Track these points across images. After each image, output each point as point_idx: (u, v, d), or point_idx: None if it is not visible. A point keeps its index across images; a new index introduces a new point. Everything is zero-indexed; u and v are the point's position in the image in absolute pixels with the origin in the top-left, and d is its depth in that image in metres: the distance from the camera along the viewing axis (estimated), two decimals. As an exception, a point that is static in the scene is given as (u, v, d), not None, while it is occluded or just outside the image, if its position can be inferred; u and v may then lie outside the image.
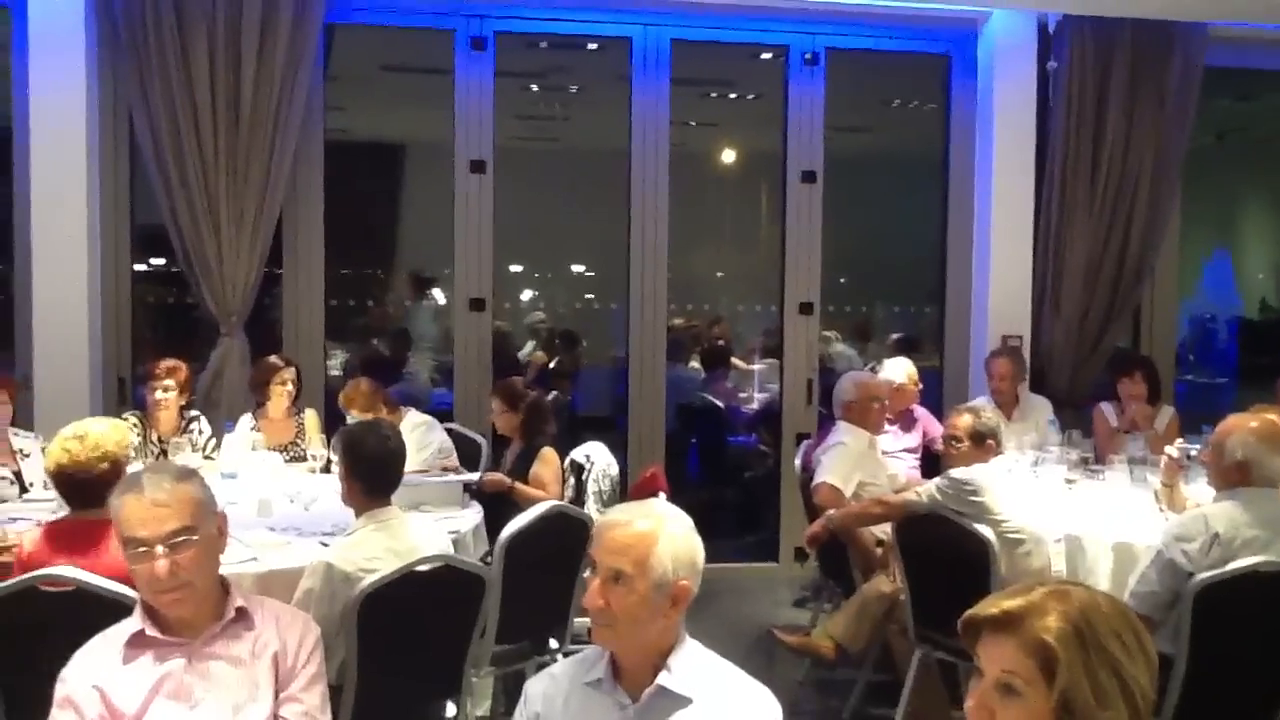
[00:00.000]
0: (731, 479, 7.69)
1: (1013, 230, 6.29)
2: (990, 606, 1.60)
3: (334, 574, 3.14)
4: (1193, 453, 4.24)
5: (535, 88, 9.00)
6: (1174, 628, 3.43)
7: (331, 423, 5.27)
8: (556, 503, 4.14)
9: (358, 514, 3.35)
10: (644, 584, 2.05)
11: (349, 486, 3.36)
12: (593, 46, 7.08)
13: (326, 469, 4.88)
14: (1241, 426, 3.56)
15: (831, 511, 4.48)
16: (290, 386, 5.28)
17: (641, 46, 6.29)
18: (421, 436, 5.02)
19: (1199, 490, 4.12)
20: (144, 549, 2.28)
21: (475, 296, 6.20)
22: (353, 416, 4.90)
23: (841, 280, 9.98)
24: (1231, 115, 8.87)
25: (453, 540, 3.85)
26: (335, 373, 7.38)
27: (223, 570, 2.46)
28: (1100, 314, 6.34)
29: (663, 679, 2.08)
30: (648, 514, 2.13)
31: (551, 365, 8.56)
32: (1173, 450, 4.29)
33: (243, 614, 2.40)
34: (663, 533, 2.09)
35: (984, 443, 4.18)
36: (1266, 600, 3.36)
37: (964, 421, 4.26)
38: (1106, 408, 5.83)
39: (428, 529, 3.53)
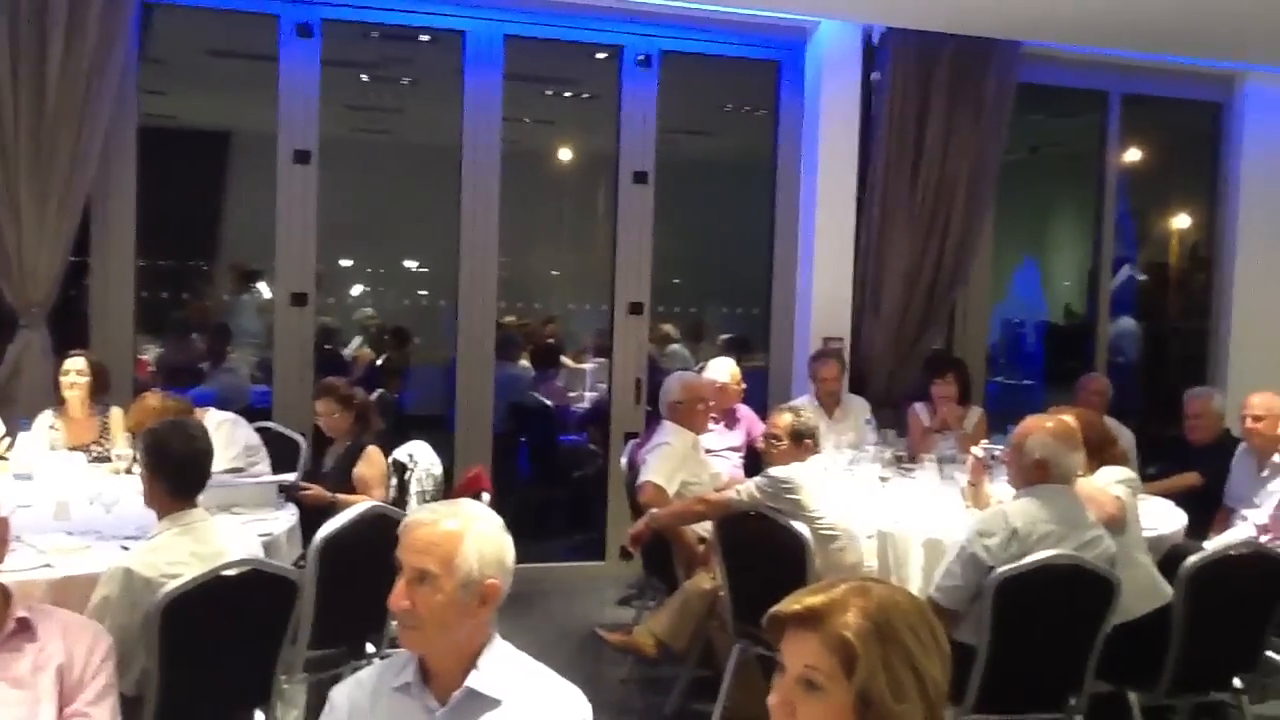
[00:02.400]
0: (561, 478, 7.68)
1: (835, 235, 6.47)
2: (793, 603, 1.63)
3: (133, 580, 2.99)
4: (996, 452, 4.43)
5: (367, 78, 8.78)
6: (976, 619, 3.58)
7: (142, 420, 5.01)
8: (375, 503, 4.05)
9: (160, 516, 3.19)
10: (450, 583, 2.01)
11: (152, 488, 3.21)
12: (425, 38, 6.95)
13: (131, 470, 4.65)
14: (1039, 427, 3.75)
15: (654, 511, 4.52)
16: (78, 380, 4.98)
17: (474, 40, 6.21)
18: (227, 435, 4.81)
19: (1002, 488, 4.32)
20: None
21: (297, 291, 6.01)
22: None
23: (675, 281, 10.09)
24: (1044, 130, 9.32)
25: (265, 543, 3.71)
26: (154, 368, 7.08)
27: (12, 578, 2.31)
28: (917, 317, 6.57)
29: (471, 681, 2.05)
30: (454, 513, 2.10)
31: (379, 362, 8.39)
32: (978, 450, 4.50)
33: (24, 625, 2.25)
34: (469, 531, 2.06)
35: (802, 442, 4.28)
36: (1060, 591, 3.54)
37: (784, 421, 4.35)
38: (920, 408, 6.07)
39: (236, 531, 3.40)
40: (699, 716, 4.36)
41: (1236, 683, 3.98)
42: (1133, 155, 8.11)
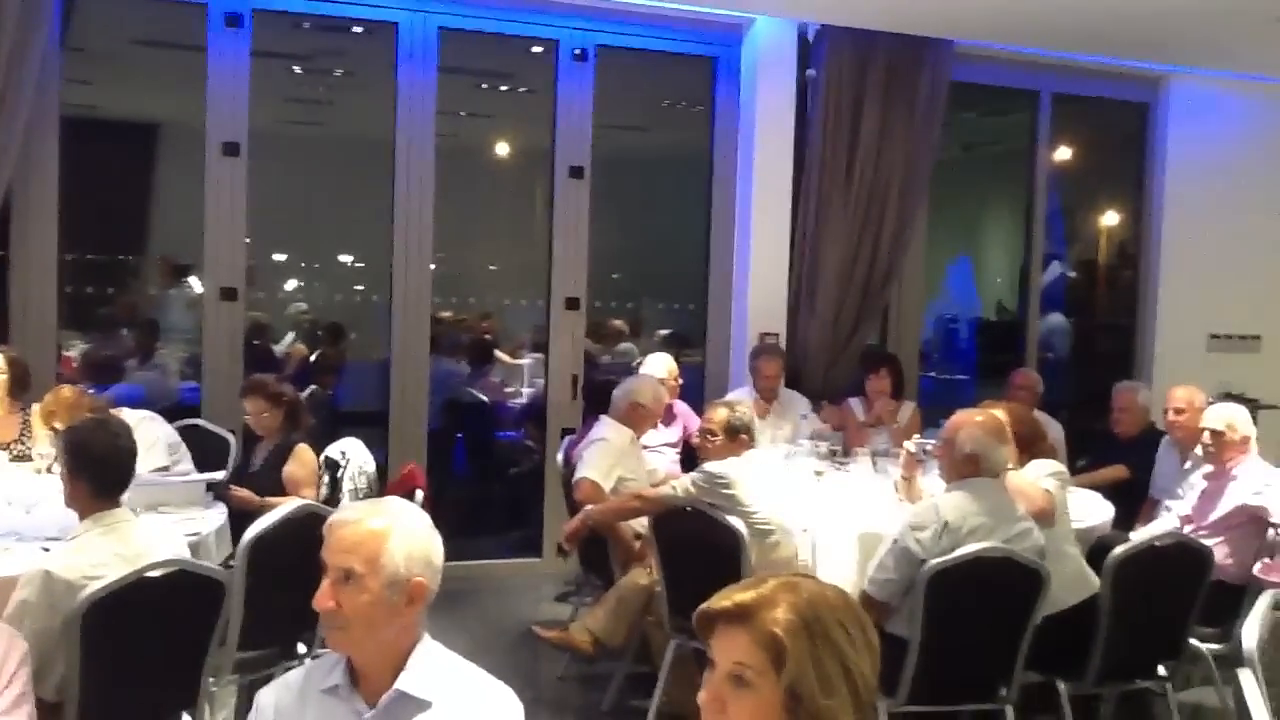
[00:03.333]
0: (497, 475, 7.64)
1: (771, 232, 6.50)
2: (723, 600, 1.63)
3: (53, 583, 2.91)
4: (929, 447, 4.48)
5: (299, 70, 8.64)
6: (909, 612, 3.61)
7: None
8: (305, 502, 3.99)
9: (82, 517, 3.12)
10: (376, 583, 1.98)
11: (73, 488, 3.13)
12: (358, 30, 6.86)
13: (53, 469, 4.52)
14: (969, 422, 3.79)
15: (590, 508, 4.50)
16: None
17: (408, 32, 6.15)
18: (145, 433, 4.70)
19: (934, 482, 4.36)
20: None
21: (227, 286, 5.91)
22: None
23: (615, 276, 10.07)
24: (978, 129, 9.44)
25: (193, 543, 3.65)
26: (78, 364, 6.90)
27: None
28: (852, 313, 6.61)
29: (401, 682, 2.01)
30: (380, 511, 2.07)
31: (313, 358, 8.27)
32: (911, 445, 4.54)
33: (-65, 631, 2.18)
34: (395, 529, 2.02)
35: (737, 436, 4.30)
36: (990, 583, 3.59)
37: (719, 416, 4.36)
38: (854, 403, 6.12)
39: (162, 532, 3.33)
40: (636, 712, 4.35)
41: (1161, 671, 4.07)
42: (1063, 154, 8.24)
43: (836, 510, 4.42)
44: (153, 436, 4.75)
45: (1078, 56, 7.09)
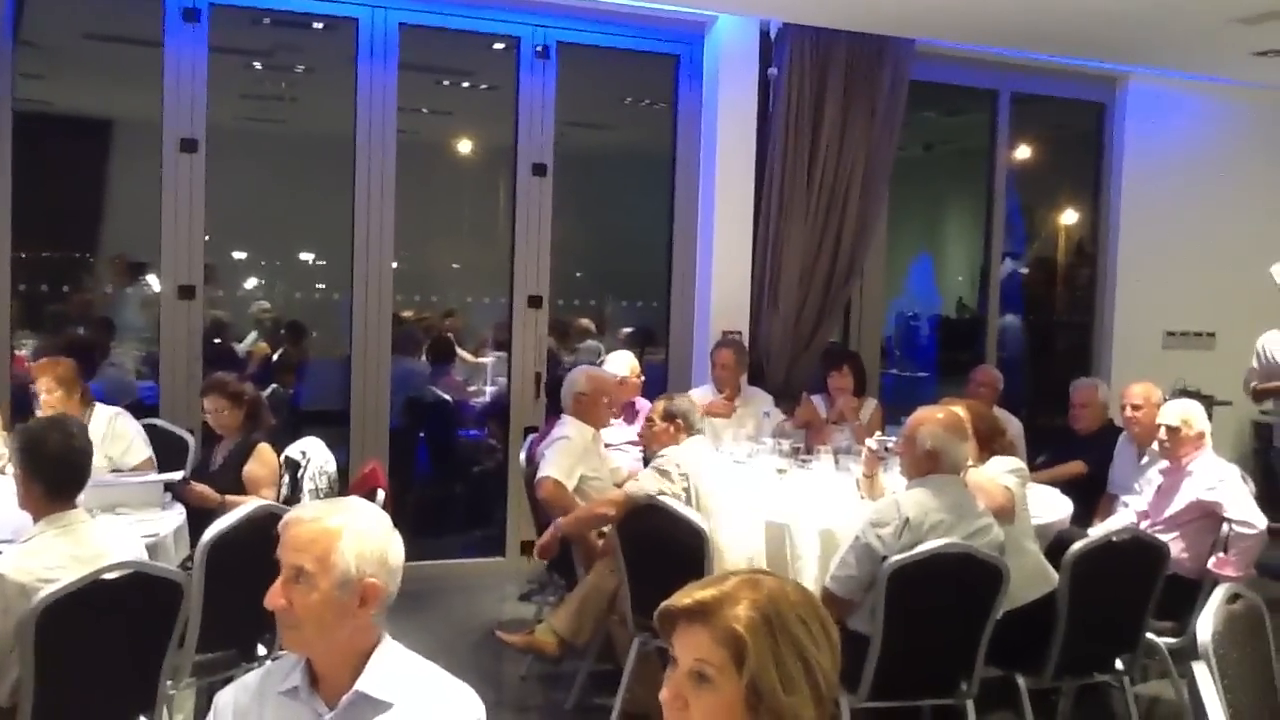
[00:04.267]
0: (460, 474, 7.60)
1: (734, 229, 6.51)
2: (684, 597, 1.63)
3: (6, 586, 2.88)
4: (890, 444, 4.51)
5: (259, 66, 8.56)
6: (871, 608, 3.64)
7: (21, 417, 4.81)
8: (265, 502, 3.95)
9: (37, 519, 3.08)
10: (326, 582, 1.97)
11: (27, 489, 3.09)
12: (319, 26, 6.80)
13: (5, 470, 4.46)
14: (930, 419, 3.82)
15: (560, 520, 4.49)
16: None
17: (368, 28, 6.10)
18: (121, 428, 4.72)
19: (896, 479, 4.39)
20: None
21: (184, 284, 5.84)
22: (42, 392, 4.51)
23: (578, 274, 10.04)
24: (939, 128, 9.50)
25: (151, 544, 3.61)
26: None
27: None
28: (814, 311, 6.64)
29: (360, 683, 2.00)
30: (335, 510, 2.06)
31: (275, 357, 8.20)
32: (872, 442, 4.57)
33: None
34: (347, 529, 2.01)
35: (674, 421, 4.38)
36: (951, 579, 3.61)
37: (658, 406, 4.54)
38: (817, 400, 6.15)
39: (118, 533, 3.29)
40: (600, 710, 4.35)
41: (1119, 664, 4.12)
42: (1022, 153, 8.32)
43: (800, 508, 4.43)
44: (130, 431, 4.73)
45: (1036, 56, 7.16)
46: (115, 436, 4.74)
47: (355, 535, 2.01)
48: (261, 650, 3.81)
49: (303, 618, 1.98)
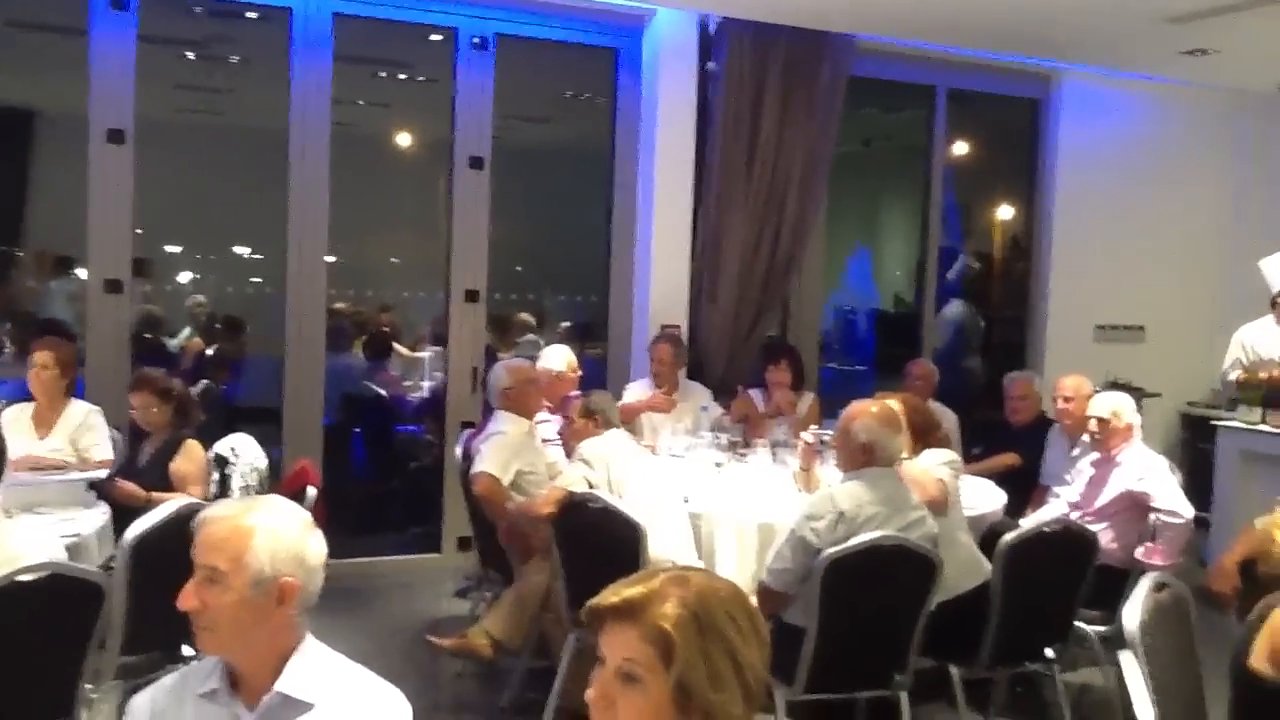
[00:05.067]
0: (397, 470, 7.53)
1: (673, 224, 6.50)
2: (611, 596, 1.61)
3: (-83, 588, 2.78)
4: (826, 437, 4.52)
5: (192, 56, 8.40)
6: (806, 601, 3.64)
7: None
8: (191, 500, 3.87)
9: (-51, 519, 2.98)
10: (240, 582, 1.93)
11: (-60, 489, 2.99)
12: (252, 15, 6.69)
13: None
14: (864, 412, 3.83)
15: (510, 506, 4.49)
16: None
17: (302, 18, 5.99)
18: (99, 420, 4.79)
19: (832, 472, 4.40)
20: None
21: (112, 278, 5.70)
22: (37, 365, 4.71)
23: (518, 269, 10.00)
24: (878, 124, 9.58)
25: (72, 544, 3.52)
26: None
27: None
28: (753, 305, 6.64)
29: (281, 684, 1.96)
30: (248, 508, 2.02)
31: (210, 352, 8.07)
32: (808, 436, 4.58)
33: None
34: (262, 527, 1.97)
35: (592, 416, 4.38)
36: (885, 571, 3.63)
37: (577, 405, 4.57)
38: (755, 394, 6.16)
39: (36, 533, 3.19)
40: (535, 708, 4.31)
41: (1049, 653, 4.17)
42: (960, 149, 8.41)
43: (737, 501, 4.44)
44: (102, 427, 4.78)
45: (973, 53, 7.22)
46: (89, 428, 4.77)
47: (270, 533, 1.97)
48: (188, 651, 3.72)
49: (218, 619, 1.94)
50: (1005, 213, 9.07)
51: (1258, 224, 8.22)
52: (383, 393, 7.54)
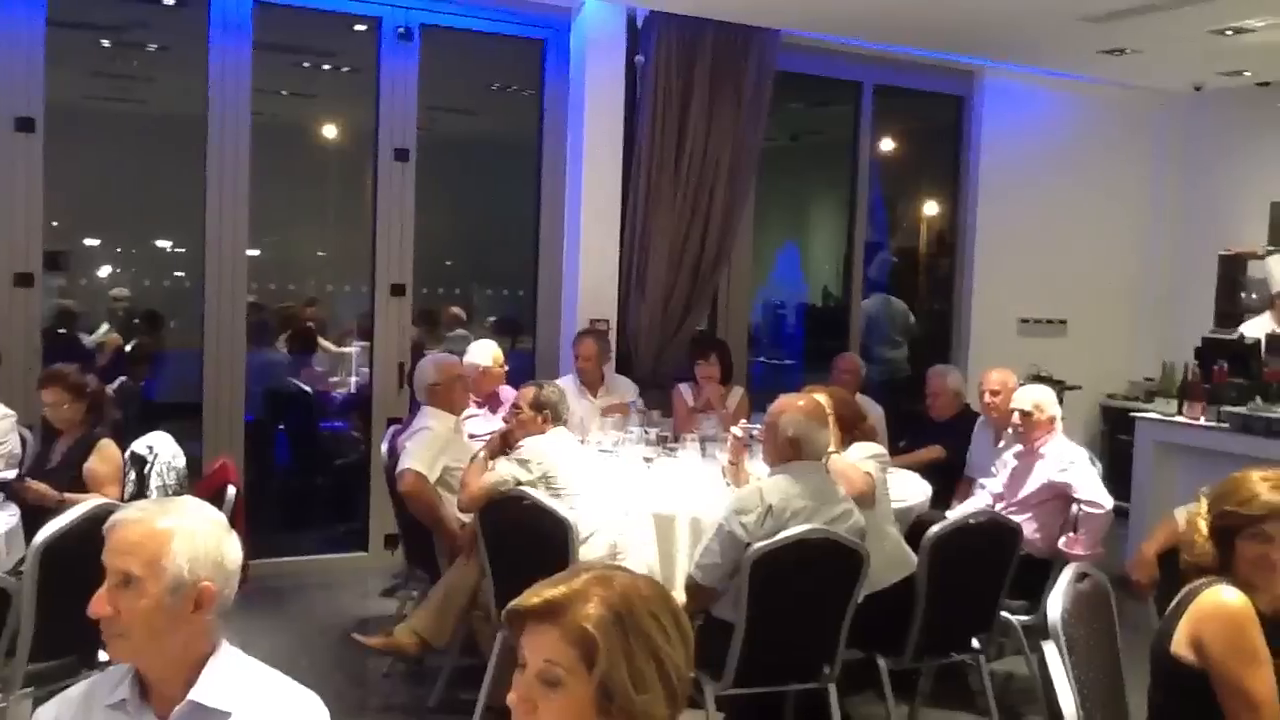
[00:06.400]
0: (322, 467, 7.40)
1: (601, 217, 6.47)
2: (532, 597, 1.58)
3: None
4: (755, 431, 4.52)
5: (107, 43, 8.17)
6: (734, 595, 3.64)
7: None
8: (105, 500, 3.76)
9: None
10: (156, 587, 1.86)
11: None
12: (170, 2, 6.52)
13: None
14: (791, 406, 3.84)
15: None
16: None
17: (220, 4, 5.85)
18: (9, 424, 4.58)
19: (761, 466, 4.41)
20: None
21: (21, 271, 5.52)
22: None
23: (448, 263, 9.88)
24: (806, 119, 9.63)
25: (-23, 547, 3.40)
26: None
27: None
28: (682, 299, 6.64)
29: (195, 693, 1.90)
30: (163, 510, 1.95)
31: (129, 348, 7.86)
32: (737, 430, 4.58)
33: None
34: (179, 530, 1.90)
35: (541, 412, 4.29)
36: (813, 565, 3.64)
37: (529, 393, 4.42)
38: (684, 388, 6.16)
39: (-62, 537, 3.08)
40: (463, 706, 4.26)
41: (975, 643, 4.22)
42: (886, 144, 8.48)
43: (666, 496, 4.42)
44: (10, 428, 4.61)
45: (898, 50, 7.29)
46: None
47: (187, 536, 1.91)
48: (104, 657, 3.62)
49: (131, 626, 1.87)
50: (931, 208, 9.17)
51: (1175, 221, 8.44)
52: (307, 389, 7.41)
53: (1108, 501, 4.67)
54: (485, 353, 5.59)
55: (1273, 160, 7.86)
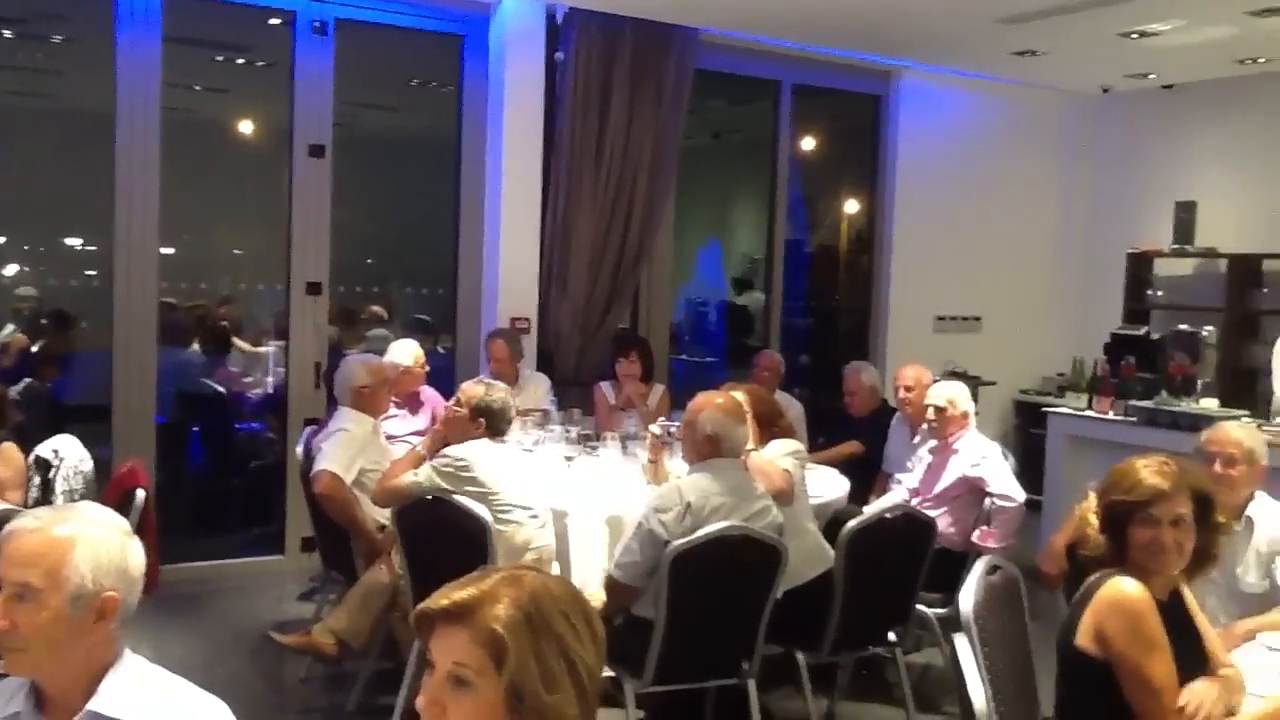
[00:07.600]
0: (237, 469, 7.25)
1: (521, 215, 6.44)
2: (441, 598, 1.56)
3: None
4: (674, 429, 4.53)
5: (9, 34, 7.93)
6: (654, 593, 3.64)
7: None
8: (7, 506, 3.64)
9: None
10: (57, 598, 1.80)
11: None
12: (75, -7, 6.35)
13: None
14: (709, 404, 3.86)
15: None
16: None
17: (128, -4, 5.72)
18: None
19: (681, 464, 4.41)
20: None
21: (-80, 270, 5.35)
22: None
23: (368, 261, 9.76)
24: (727, 118, 9.69)
25: None
26: None
27: None
28: (603, 297, 6.64)
29: (95, 704, 1.84)
30: (63, 518, 1.88)
31: (35, 349, 7.63)
32: (655, 428, 4.59)
33: None
34: (80, 538, 1.84)
35: (477, 419, 4.16)
36: (731, 561, 3.65)
37: (475, 392, 4.19)
38: (605, 386, 6.15)
39: None
40: (383, 710, 4.22)
41: (892, 636, 4.28)
42: (806, 143, 8.56)
43: (586, 495, 4.41)
44: None
45: (816, 49, 7.36)
46: None
47: (89, 544, 1.85)
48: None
49: (30, 639, 1.80)
50: (851, 206, 9.28)
51: (1085, 220, 8.64)
52: (221, 389, 7.26)
53: (1020, 495, 4.77)
54: (407, 352, 5.52)
55: (1177, 161, 8.09)
